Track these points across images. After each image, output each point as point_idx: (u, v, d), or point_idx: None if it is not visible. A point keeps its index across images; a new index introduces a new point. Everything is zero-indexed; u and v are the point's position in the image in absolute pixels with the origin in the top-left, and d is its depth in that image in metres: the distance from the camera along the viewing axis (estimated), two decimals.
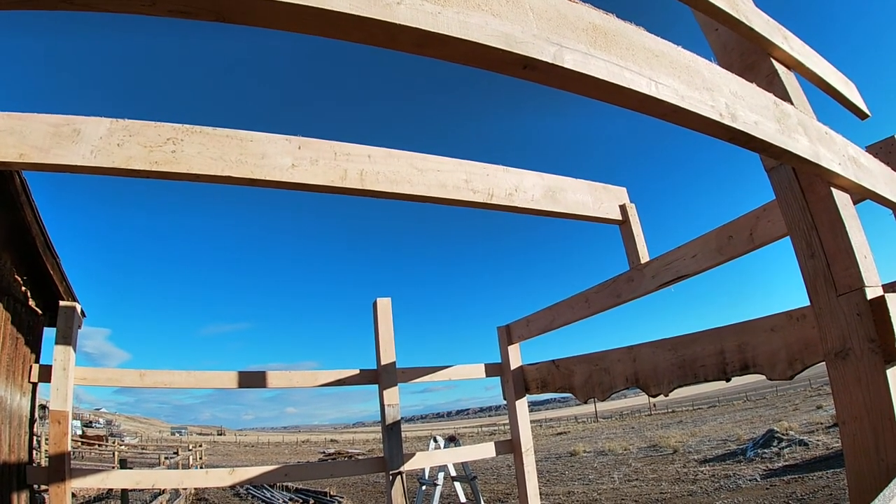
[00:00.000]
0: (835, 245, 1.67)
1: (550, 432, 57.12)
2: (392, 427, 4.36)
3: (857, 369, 1.64)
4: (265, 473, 4.20)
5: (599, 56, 1.12)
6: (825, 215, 1.69)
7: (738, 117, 1.35)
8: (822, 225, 1.69)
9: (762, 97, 1.52)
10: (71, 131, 1.94)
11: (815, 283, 1.70)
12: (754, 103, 1.45)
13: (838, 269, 1.66)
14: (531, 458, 4.91)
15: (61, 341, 3.89)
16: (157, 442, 44.11)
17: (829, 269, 1.67)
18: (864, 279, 1.63)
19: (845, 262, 1.65)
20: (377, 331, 4.60)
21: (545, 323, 4.60)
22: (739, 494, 11.70)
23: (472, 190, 2.87)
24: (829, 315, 1.68)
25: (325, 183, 2.46)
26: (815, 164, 1.58)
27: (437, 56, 1.02)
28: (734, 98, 1.38)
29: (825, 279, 1.68)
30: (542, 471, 21.31)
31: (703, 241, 3.53)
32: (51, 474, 3.69)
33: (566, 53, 1.07)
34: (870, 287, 1.64)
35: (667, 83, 1.21)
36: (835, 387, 1.72)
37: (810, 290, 1.72)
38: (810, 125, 1.66)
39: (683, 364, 3.65)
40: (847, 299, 1.64)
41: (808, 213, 1.72)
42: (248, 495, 19.29)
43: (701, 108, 1.25)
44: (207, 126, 2.25)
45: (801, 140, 1.55)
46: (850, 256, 1.64)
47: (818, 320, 1.72)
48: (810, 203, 1.72)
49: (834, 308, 1.66)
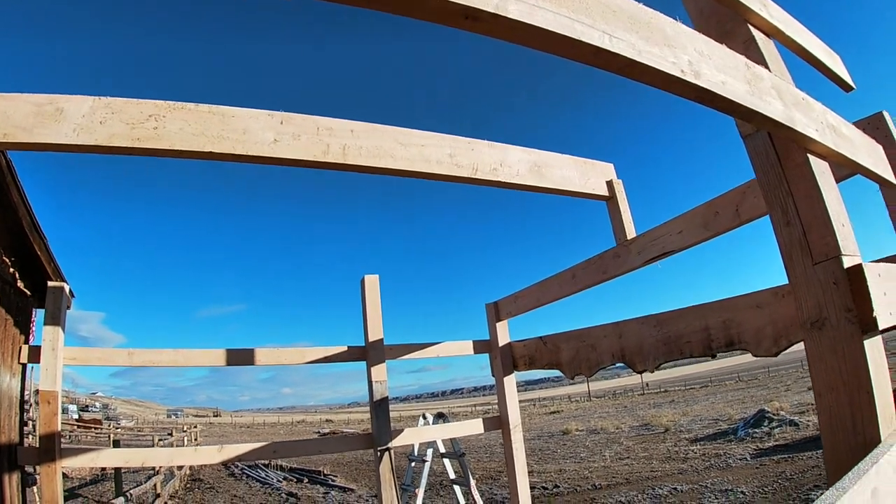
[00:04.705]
0: (811, 213, 1.65)
1: (544, 411, 57.67)
2: (380, 403, 4.38)
3: (834, 339, 1.62)
4: (254, 450, 4.22)
5: (548, 7, 1.09)
6: (801, 183, 1.67)
7: (702, 75, 1.32)
8: (799, 192, 1.67)
9: (732, 58, 1.50)
10: (54, 110, 1.93)
11: (790, 251, 1.69)
12: (722, 63, 1.43)
13: (815, 237, 1.64)
14: (519, 434, 4.95)
15: (50, 322, 3.89)
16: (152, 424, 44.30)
17: (805, 238, 1.65)
18: (840, 247, 1.61)
19: (822, 231, 1.63)
20: (365, 308, 4.60)
21: (533, 299, 4.61)
22: (729, 473, 11.85)
23: (456, 164, 2.86)
24: (805, 284, 1.66)
25: (308, 158, 2.46)
26: (790, 128, 1.56)
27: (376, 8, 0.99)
28: (699, 56, 1.35)
29: (801, 247, 1.66)
30: (535, 449, 21.55)
31: (690, 216, 3.53)
32: (41, 454, 3.70)
33: (510, 4, 1.03)
34: (847, 256, 1.62)
35: (623, 38, 1.18)
36: (811, 357, 1.70)
37: (786, 259, 1.70)
38: (786, 90, 1.64)
39: (669, 340, 3.66)
40: (823, 268, 1.62)
41: (784, 181, 1.70)
42: (242, 475, 19.43)
43: (661, 63, 1.23)
44: (190, 102, 2.25)
45: (774, 103, 1.53)
46: (826, 224, 1.62)
47: (794, 290, 1.71)
48: (786, 170, 1.70)
49: (810, 277, 1.65)
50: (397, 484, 4.44)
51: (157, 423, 55.90)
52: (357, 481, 17.19)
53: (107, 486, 15.39)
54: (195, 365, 4.37)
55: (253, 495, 15.31)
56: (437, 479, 13.92)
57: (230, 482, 18.17)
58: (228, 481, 18.35)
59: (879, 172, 2.41)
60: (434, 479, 13.83)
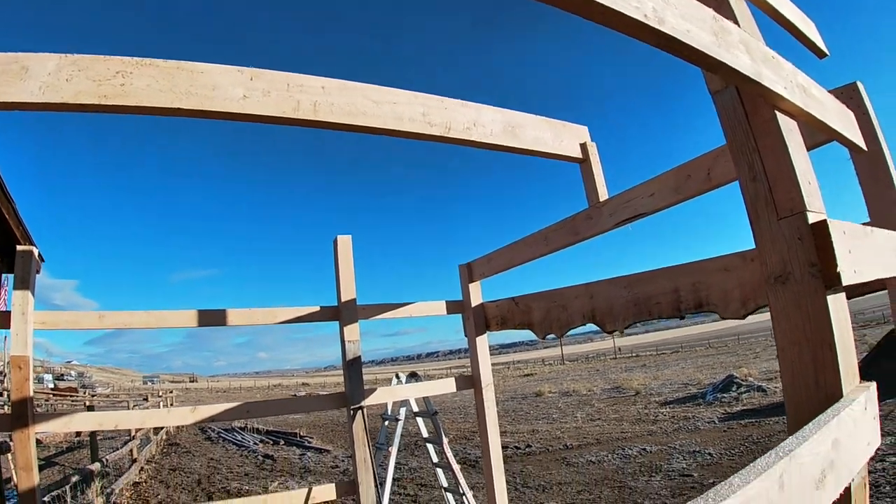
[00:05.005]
0: (777, 168, 1.66)
1: (517, 374, 58.65)
2: (352, 363, 4.40)
3: (797, 294, 1.64)
4: (227, 410, 4.22)
5: None
6: (769, 139, 1.68)
7: (665, 22, 1.31)
8: (766, 148, 1.67)
9: (699, 9, 1.47)
10: (19, 69, 1.89)
11: (756, 206, 1.70)
12: (688, 13, 1.41)
13: (780, 192, 1.65)
14: (491, 393, 5.04)
15: (19, 286, 3.81)
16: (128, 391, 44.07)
17: (770, 193, 1.66)
18: (806, 203, 1.62)
19: (787, 186, 1.64)
20: (337, 268, 4.58)
21: (505, 260, 4.64)
22: (697, 436, 12.22)
23: (428, 123, 2.84)
24: (769, 240, 1.68)
25: (278, 114, 2.45)
26: (757, 82, 1.56)
27: None
28: (664, 4, 1.33)
29: (766, 202, 1.67)
30: (508, 410, 21.98)
31: (661, 180, 3.56)
32: (14, 420, 3.65)
33: None
34: (812, 212, 1.63)
35: None
36: (774, 313, 1.72)
37: (751, 214, 1.71)
38: (755, 46, 1.63)
39: (639, 301, 3.72)
40: (788, 223, 1.64)
41: (752, 137, 1.70)
42: (219, 439, 19.55)
43: (623, 6, 1.21)
44: (158, 59, 2.20)
45: (742, 57, 1.52)
46: (792, 180, 1.63)
47: (759, 246, 1.73)
48: (754, 126, 1.70)
49: (775, 232, 1.67)
50: (371, 442, 4.50)
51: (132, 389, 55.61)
52: (333, 442, 17.41)
53: (83, 453, 15.35)
54: (168, 326, 4.32)
55: (230, 457, 15.44)
56: (411, 440, 14.14)
57: (207, 446, 18.27)
58: (205, 445, 18.45)
59: (849, 136, 2.44)
60: (409, 440, 14.06)
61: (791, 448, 1.17)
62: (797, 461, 1.15)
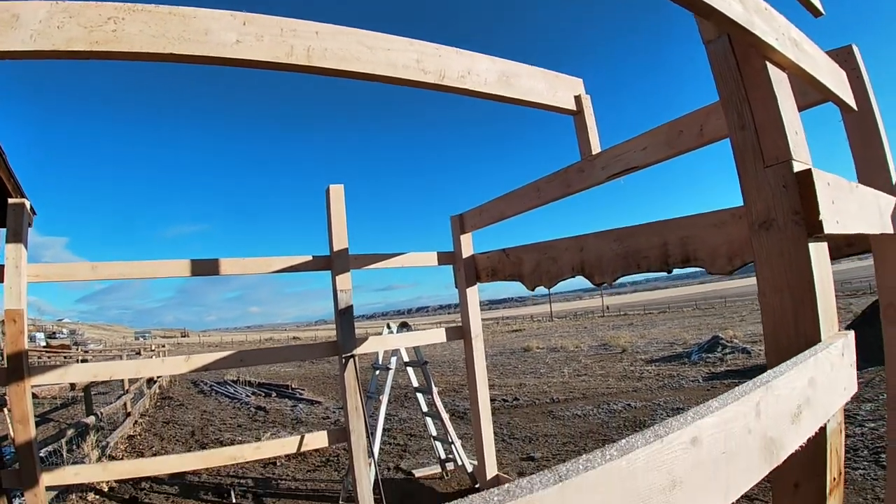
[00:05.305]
0: (766, 117, 1.68)
1: (506, 329, 59.30)
2: (344, 312, 4.46)
3: (781, 241, 1.68)
4: (221, 359, 4.30)
5: None
6: (758, 89, 1.69)
7: None
8: (755, 98, 1.69)
9: None
10: (10, 17, 1.86)
11: (743, 154, 1.74)
12: None
13: (767, 141, 1.68)
14: (480, 344, 5.14)
15: (12, 239, 3.80)
16: (120, 347, 44.27)
17: (758, 141, 1.69)
18: (792, 152, 1.65)
19: (774, 135, 1.67)
20: (330, 217, 4.60)
21: (497, 212, 4.67)
22: (681, 393, 12.46)
23: (422, 70, 2.81)
24: (755, 187, 1.72)
25: (271, 59, 2.41)
26: (749, 31, 1.57)
27: None
28: None
29: (753, 151, 1.71)
30: (497, 364, 22.31)
31: (654, 134, 3.57)
32: (9, 374, 3.70)
33: None
34: (797, 161, 1.67)
35: None
36: (758, 259, 1.75)
37: (739, 162, 1.75)
38: None
39: (627, 255, 3.78)
40: (774, 171, 1.67)
41: (742, 86, 1.72)
42: (211, 392, 19.77)
43: None
44: (150, 4, 2.16)
45: (734, 5, 1.53)
46: (779, 129, 1.66)
47: (744, 193, 1.76)
48: (744, 76, 1.71)
49: (761, 180, 1.70)
50: (362, 391, 4.60)
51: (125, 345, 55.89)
52: (325, 395, 17.66)
53: (78, 409, 15.49)
54: (161, 276, 4.34)
55: (223, 410, 15.65)
56: (401, 392, 14.39)
57: (199, 399, 18.48)
58: (198, 398, 18.66)
59: (840, 94, 2.46)
60: (399, 392, 14.31)
61: (768, 379, 1.23)
62: (774, 392, 1.22)
